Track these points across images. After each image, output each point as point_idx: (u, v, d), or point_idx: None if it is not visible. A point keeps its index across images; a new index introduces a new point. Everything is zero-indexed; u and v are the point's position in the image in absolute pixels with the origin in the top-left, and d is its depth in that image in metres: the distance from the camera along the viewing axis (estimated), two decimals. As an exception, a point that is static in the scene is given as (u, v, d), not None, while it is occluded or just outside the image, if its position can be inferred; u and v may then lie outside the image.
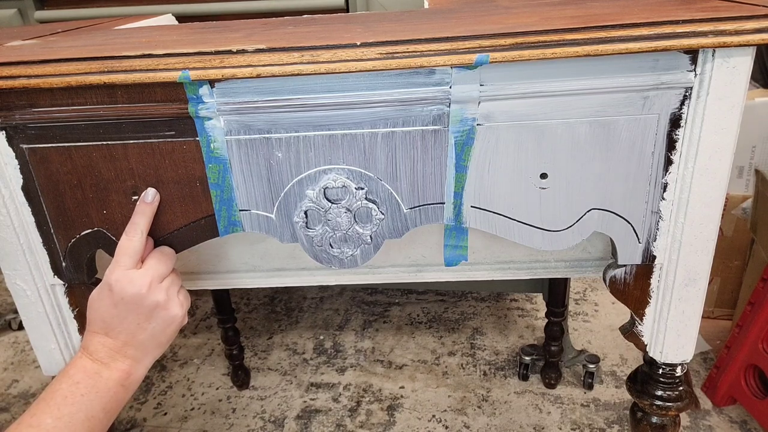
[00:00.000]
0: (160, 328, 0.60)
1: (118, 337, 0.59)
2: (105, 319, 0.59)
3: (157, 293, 0.59)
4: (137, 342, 0.60)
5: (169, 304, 0.60)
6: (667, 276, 0.63)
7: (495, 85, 0.54)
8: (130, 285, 0.58)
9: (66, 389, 0.57)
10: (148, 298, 0.58)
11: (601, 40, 0.50)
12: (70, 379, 0.58)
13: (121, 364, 0.59)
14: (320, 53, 0.51)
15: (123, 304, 0.58)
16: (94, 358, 0.59)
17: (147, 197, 0.60)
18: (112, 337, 0.59)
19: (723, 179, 0.57)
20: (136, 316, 0.59)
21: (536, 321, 1.59)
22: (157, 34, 0.70)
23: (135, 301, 0.58)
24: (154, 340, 0.60)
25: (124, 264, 0.58)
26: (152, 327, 0.60)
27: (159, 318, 0.60)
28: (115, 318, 0.59)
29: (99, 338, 0.59)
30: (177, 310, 0.61)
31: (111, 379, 0.59)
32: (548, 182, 0.59)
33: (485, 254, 0.73)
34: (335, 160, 0.58)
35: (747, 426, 1.22)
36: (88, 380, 0.58)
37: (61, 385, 0.57)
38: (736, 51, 0.52)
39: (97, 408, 0.57)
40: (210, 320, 1.67)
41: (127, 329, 0.59)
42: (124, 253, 0.58)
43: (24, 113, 0.56)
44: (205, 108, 0.55)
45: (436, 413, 1.31)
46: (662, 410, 0.70)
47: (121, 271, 0.58)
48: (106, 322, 0.59)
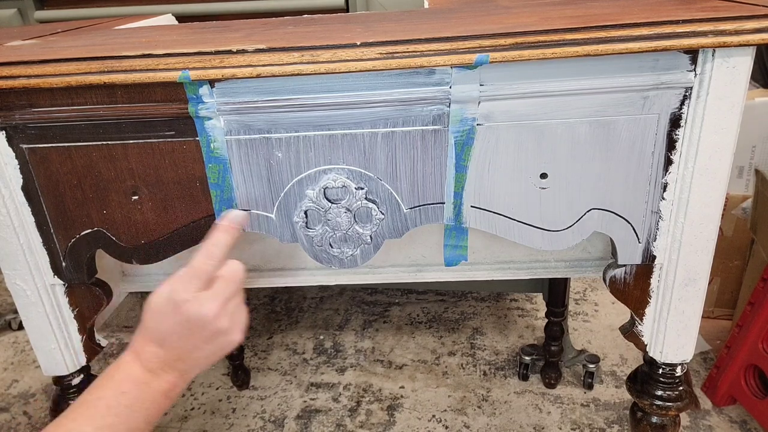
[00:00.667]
0: (216, 350, 0.58)
1: (173, 351, 0.57)
2: (164, 333, 0.56)
3: (223, 320, 0.57)
4: (191, 359, 0.58)
5: (231, 330, 0.58)
6: (667, 276, 0.63)
7: (495, 85, 0.54)
8: (199, 309, 0.55)
9: (111, 398, 0.55)
10: (213, 324, 0.56)
11: (601, 40, 0.50)
12: (117, 387, 0.55)
13: (170, 376, 0.57)
14: (320, 53, 0.51)
15: (186, 325, 0.56)
16: (145, 366, 0.57)
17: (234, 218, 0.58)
18: (166, 350, 0.57)
19: (723, 179, 0.57)
20: (196, 338, 0.57)
21: (536, 321, 1.59)
22: (157, 34, 0.70)
23: (199, 326, 0.56)
24: (207, 359, 0.59)
25: (195, 285, 0.56)
26: (209, 348, 0.58)
27: (218, 342, 0.58)
28: (175, 335, 0.56)
29: (153, 348, 0.57)
30: (237, 336, 0.59)
31: (158, 391, 0.56)
32: (548, 182, 0.59)
33: (485, 254, 0.73)
34: (335, 160, 0.58)
35: (747, 426, 1.22)
36: (135, 390, 0.55)
37: (106, 392, 0.55)
38: (736, 51, 0.52)
39: (140, 419, 0.55)
40: (210, 320, 1.67)
41: (184, 347, 0.57)
42: (197, 275, 0.56)
43: (24, 113, 0.56)
44: (205, 108, 0.55)
45: (436, 413, 1.31)
46: (662, 410, 0.70)
47: (192, 293, 0.55)
48: (163, 337, 0.57)
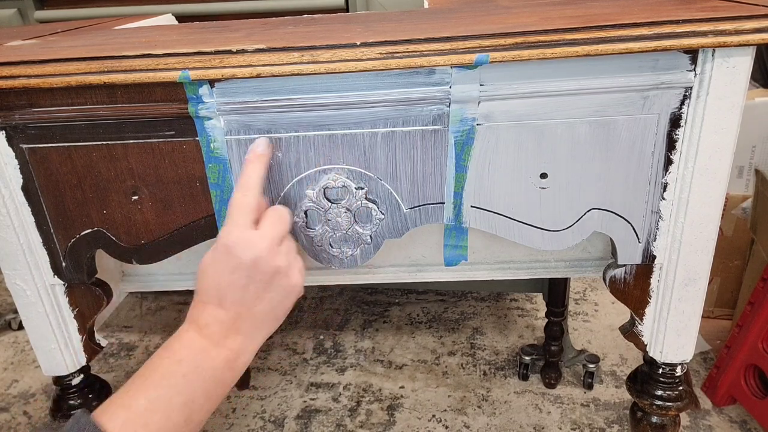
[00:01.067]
0: (279, 298, 0.53)
1: (232, 307, 0.52)
2: (220, 286, 0.52)
3: (278, 257, 0.52)
4: (253, 314, 0.53)
5: (289, 270, 0.53)
6: (667, 276, 0.63)
7: (495, 85, 0.54)
8: (249, 247, 0.51)
9: (166, 367, 0.50)
10: (268, 262, 0.51)
11: (601, 39, 0.50)
12: (173, 355, 0.50)
13: (232, 342, 0.52)
14: (320, 53, 0.51)
15: (241, 269, 0.51)
16: (204, 333, 0.51)
17: (258, 147, 0.54)
18: (225, 308, 0.52)
19: (723, 179, 0.57)
20: (255, 284, 0.52)
21: (536, 321, 1.59)
22: (157, 34, 0.70)
23: (254, 266, 0.51)
24: (271, 312, 0.54)
25: (241, 223, 0.51)
26: (270, 297, 0.53)
27: (279, 287, 0.53)
28: (232, 285, 0.51)
29: (211, 310, 0.52)
30: (297, 278, 0.54)
31: (219, 359, 0.51)
32: (548, 182, 0.59)
33: (485, 254, 0.73)
34: (335, 159, 0.58)
35: (747, 426, 1.22)
36: (193, 358, 0.50)
37: (162, 362, 0.50)
38: (736, 51, 0.52)
39: (198, 392, 0.50)
40: (210, 320, 1.67)
41: (243, 299, 0.52)
42: (240, 211, 0.52)
43: (24, 113, 0.56)
44: (205, 108, 0.55)
45: (436, 413, 1.31)
46: (662, 410, 0.70)
47: (239, 232, 0.51)
48: (220, 290, 0.52)
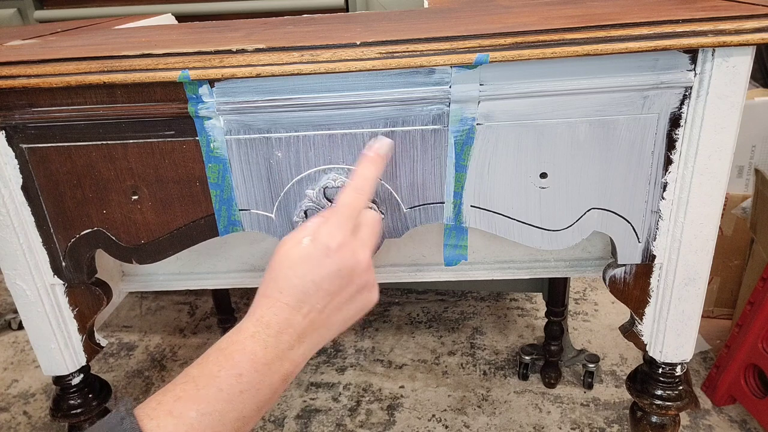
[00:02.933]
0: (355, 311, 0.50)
1: (310, 314, 0.48)
2: (308, 290, 0.47)
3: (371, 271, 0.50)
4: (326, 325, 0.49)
5: (375, 286, 0.51)
6: (667, 275, 0.63)
7: (495, 85, 0.54)
8: (354, 257, 0.48)
9: (224, 380, 0.45)
10: (363, 276, 0.49)
11: (601, 39, 0.50)
12: (234, 368, 0.46)
13: (295, 354, 0.48)
14: (320, 53, 0.51)
15: (338, 278, 0.48)
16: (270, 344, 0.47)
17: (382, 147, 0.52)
18: (303, 315, 0.48)
19: (723, 179, 0.57)
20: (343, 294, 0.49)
21: (536, 320, 1.59)
22: (157, 33, 0.70)
23: (351, 277, 0.48)
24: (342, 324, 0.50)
25: (347, 226, 0.49)
26: (348, 308, 0.50)
27: (360, 300, 0.50)
28: (321, 292, 0.48)
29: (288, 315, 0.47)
30: (376, 295, 0.51)
31: (278, 373, 0.47)
32: (548, 182, 0.59)
33: (485, 254, 0.73)
34: (335, 159, 0.58)
35: (747, 425, 1.22)
36: (253, 374, 0.46)
37: (221, 372, 0.45)
38: (736, 50, 0.52)
39: (252, 407, 0.46)
40: (210, 320, 1.67)
41: (326, 307, 0.48)
42: (349, 213, 0.49)
43: (24, 113, 0.56)
44: (204, 107, 0.55)
45: (436, 413, 1.31)
46: (662, 409, 0.70)
47: (344, 236, 0.48)
48: (306, 293, 0.47)
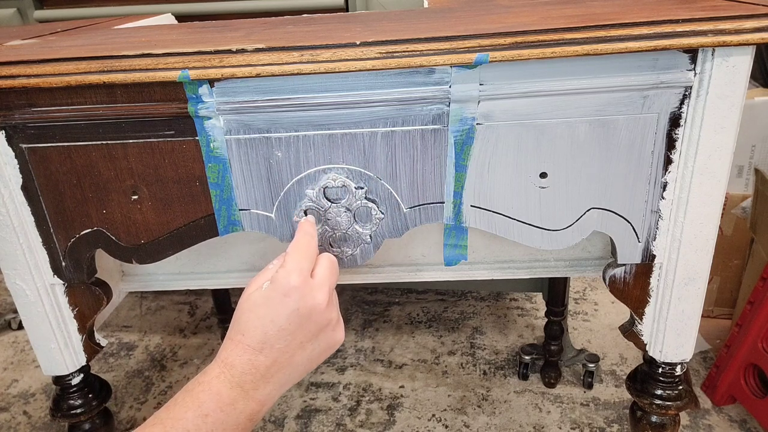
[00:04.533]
0: (319, 350, 0.52)
1: (272, 354, 0.50)
2: (268, 331, 0.50)
3: (332, 310, 0.51)
4: (290, 364, 0.51)
5: (337, 325, 0.53)
6: (667, 275, 0.63)
7: (494, 85, 0.54)
8: (311, 296, 0.50)
9: (191, 421, 0.48)
10: (324, 314, 0.50)
11: (601, 39, 0.50)
12: (199, 408, 0.48)
13: (261, 393, 0.50)
14: (320, 52, 0.51)
15: (296, 317, 0.50)
16: (234, 383, 0.49)
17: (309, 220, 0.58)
18: (265, 354, 0.50)
19: (723, 178, 0.57)
20: (303, 333, 0.50)
21: (536, 320, 1.59)
22: (157, 33, 0.70)
23: (310, 316, 0.50)
24: (307, 364, 0.52)
25: (303, 268, 0.50)
26: (312, 348, 0.51)
27: (324, 339, 0.52)
28: (282, 332, 0.50)
29: (250, 356, 0.50)
30: (341, 334, 0.53)
31: (244, 413, 0.49)
32: (548, 181, 0.59)
33: (485, 253, 0.73)
34: (335, 159, 0.58)
35: (746, 425, 1.22)
36: (218, 414, 0.48)
37: (187, 414, 0.48)
38: (736, 50, 0.52)
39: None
40: (210, 320, 1.67)
41: (287, 347, 0.50)
42: (303, 255, 0.51)
43: (23, 113, 0.56)
44: (204, 107, 0.55)
45: (435, 412, 1.31)
46: (662, 409, 0.70)
47: (300, 278, 0.50)
48: (267, 335, 0.50)
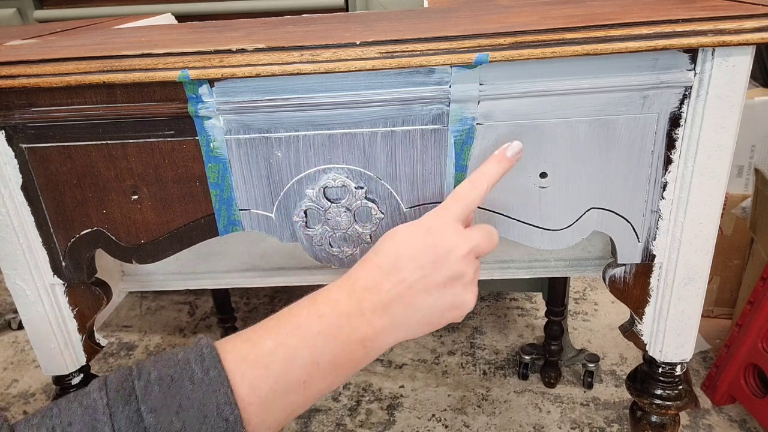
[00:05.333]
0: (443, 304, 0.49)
1: (397, 286, 0.47)
2: (399, 255, 0.48)
3: (469, 265, 0.48)
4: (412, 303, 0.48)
5: (470, 285, 0.49)
6: (667, 275, 0.63)
7: (494, 84, 0.54)
8: (451, 237, 0.48)
9: (304, 318, 0.47)
10: (460, 263, 0.48)
11: (601, 39, 0.50)
12: (315, 308, 0.47)
13: (378, 320, 0.47)
14: (320, 52, 0.51)
15: (432, 252, 0.48)
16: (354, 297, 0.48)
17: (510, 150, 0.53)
18: (391, 281, 0.48)
19: (722, 178, 0.57)
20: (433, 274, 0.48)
21: (536, 320, 1.59)
22: (157, 33, 0.70)
23: (444, 257, 0.48)
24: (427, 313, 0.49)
25: (455, 213, 0.49)
26: (436, 298, 0.48)
27: (451, 293, 0.49)
28: (413, 261, 0.47)
29: (376, 276, 0.48)
30: (471, 298, 0.50)
31: (358, 331, 0.47)
32: (548, 181, 0.59)
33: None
34: (335, 159, 0.58)
35: (746, 425, 1.22)
36: (332, 318, 0.47)
37: (302, 311, 0.47)
38: (736, 50, 0.52)
39: (327, 355, 0.46)
40: (210, 320, 1.67)
41: (414, 282, 0.48)
42: (460, 201, 0.50)
43: (23, 113, 0.56)
44: (204, 107, 0.55)
45: (435, 412, 1.31)
46: (662, 409, 0.70)
47: (448, 220, 0.49)
48: (398, 259, 0.48)
